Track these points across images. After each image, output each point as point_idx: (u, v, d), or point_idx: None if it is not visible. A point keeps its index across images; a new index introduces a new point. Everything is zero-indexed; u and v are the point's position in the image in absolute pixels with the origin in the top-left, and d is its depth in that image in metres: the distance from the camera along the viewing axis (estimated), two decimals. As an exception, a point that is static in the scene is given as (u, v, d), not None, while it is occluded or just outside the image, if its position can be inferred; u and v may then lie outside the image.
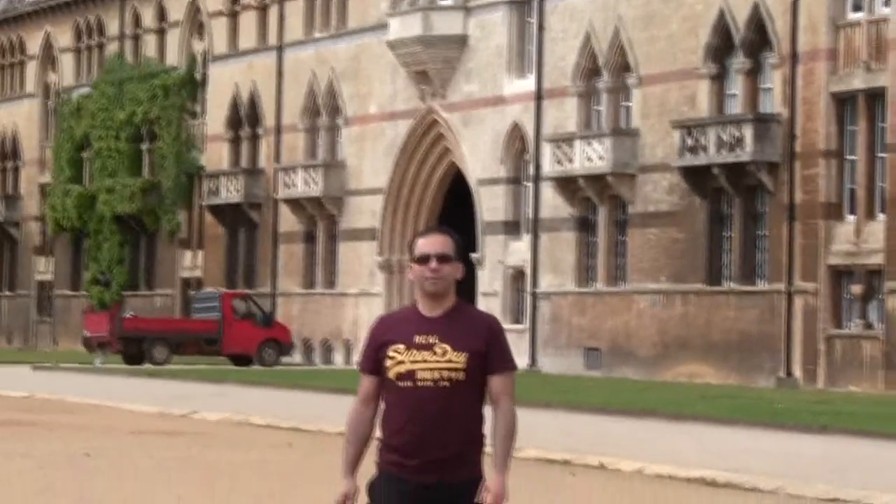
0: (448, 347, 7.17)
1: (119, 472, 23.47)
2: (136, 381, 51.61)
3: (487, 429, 7.26)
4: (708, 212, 56.24)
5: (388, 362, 7.22)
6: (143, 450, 27.80)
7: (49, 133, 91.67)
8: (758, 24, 54.58)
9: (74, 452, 26.77)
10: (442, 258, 7.29)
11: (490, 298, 63.97)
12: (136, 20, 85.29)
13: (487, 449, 7.34)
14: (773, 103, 54.56)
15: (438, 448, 7.15)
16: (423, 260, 7.31)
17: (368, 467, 7.32)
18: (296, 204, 73.02)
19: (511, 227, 64.11)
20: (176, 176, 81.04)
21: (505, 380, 7.31)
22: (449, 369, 7.15)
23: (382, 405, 7.44)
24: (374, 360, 7.35)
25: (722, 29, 55.67)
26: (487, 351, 7.26)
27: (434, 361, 7.15)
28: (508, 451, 7.27)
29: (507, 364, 7.33)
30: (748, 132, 53.87)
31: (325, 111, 73.28)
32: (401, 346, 7.21)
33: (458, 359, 7.15)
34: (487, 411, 7.29)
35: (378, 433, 7.41)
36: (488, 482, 7.19)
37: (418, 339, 7.21)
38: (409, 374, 7.17)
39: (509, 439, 7.28)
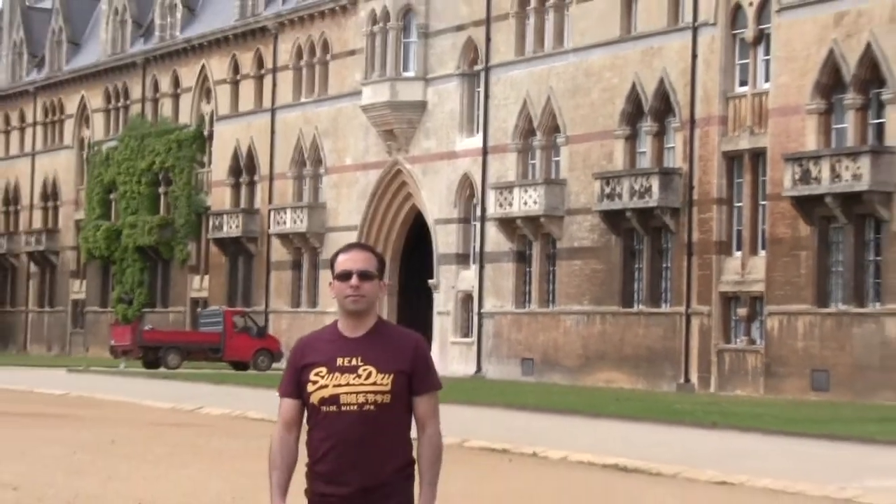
0: (373, 369, 6.23)
1: (139, 456, 23.49)
2: (153, 382, 51.46)
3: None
4: (622, 247, 56.32)
5: (311, 386, 6.27)
6: (159, 438, 27.79)
7: (83, 178, 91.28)
8: (663, 95, 54.71)
9: (102, 440, 26.74)
10: (363, 275, 6.31)
11: (444, 317, 63.92)
12: (156, 86, 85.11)
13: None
14: (675, 159, 54.67)
15: (366, 476, 6.21)
16: (344, 277, 6.32)
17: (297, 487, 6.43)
18: (285, 238, 72.88)
19: (462, 259, 64.00)
20: (187, 214, 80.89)
21: (430, 400, 6.39)
22: (374, 392, 6.20)
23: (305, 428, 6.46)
24: (294, 384, 6.36)
25: (634, 99, 55.77)
26: (413, 371, 6.31)
27: (358, 384, 6.21)
28: (436, 476, 6.38)
29: (431, 384, 6.39)
30: (655, 183, 53.98)
31: (309, 162, 73.15)
32: (323, 370, 6.25)
33: (384, 381, 6.22)
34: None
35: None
36: None
37: (341, 361, 6.25)
38: (333, 399, 6.22)
39: (437, 464, 6.37)
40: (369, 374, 6.21)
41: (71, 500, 17.32)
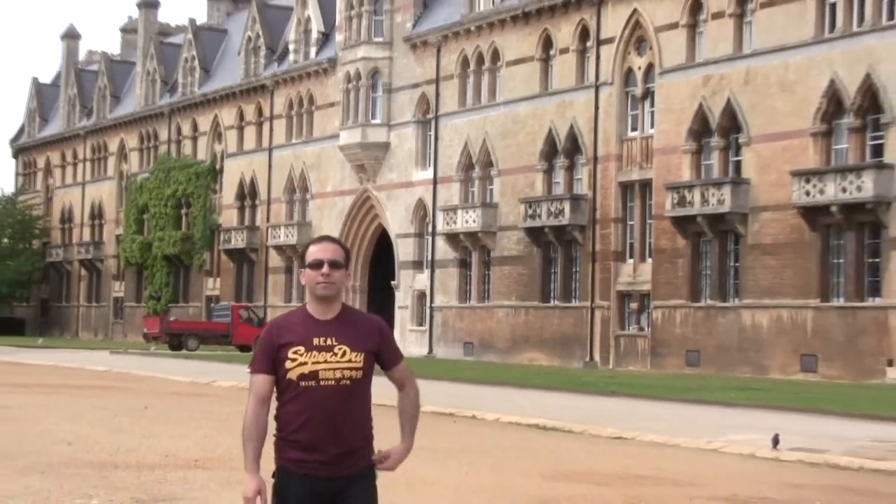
0: (347, 348, 5.80)
1: (166, 419, 23.40)
2: (177, 362, 51.26)
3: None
4: (541, 256, 56.40)
5: (289, 363, 5.78)
6: (181, 405, 27.70)
7: (122, 202, 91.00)
8: (573, 138, 54.80)
9: (137, 406, 26.61)
10: (333, 264, 5.93)
11: (403, 310, 63.84)
12: (179, 131, 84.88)
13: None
14: (582, 188, 54.78)
15: (339, 444, 5.78)
16: (316, 265, 5.95)
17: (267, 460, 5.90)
18: (279, 249, 72.74)
19: (417, 265, 63.95)
20: (203, 230, 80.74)
21: (403, 367, 6.06)
22: (349, 369, 5.79)
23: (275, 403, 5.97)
24: (270, 362, 5.84)
25: (551, 141, 55.86)
26: (380, 350, 5.93)
27: (335, 362, 5.77)
28: (414, 427, 6.10)
29: (399, 356, 6.04)
30: (567, 206, 54.05)
31: (298, 189, 73.03)
32: (301, 348, 5.79)
33: (357, 359, 5.81)
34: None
35: (274, 430, 5.94)
36: (393, 448, 6.02)
37: (317, 340, 5.80)
38: (312, 375, 5.75)
39: (416, 417, 6.10)
40: (344, 353, 5.78)
41: (113, 453, 17.24)
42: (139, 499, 13.05)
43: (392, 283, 65.00)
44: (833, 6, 45.28)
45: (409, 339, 63.00)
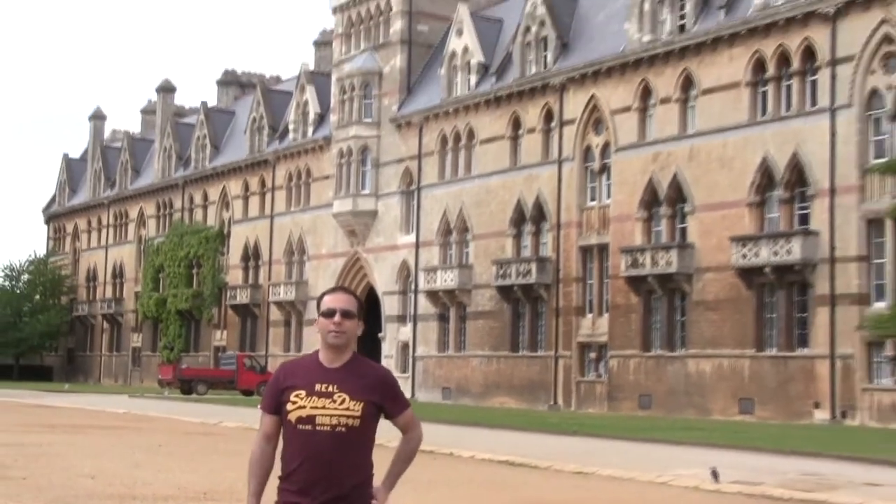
0: (346, 396, 5.42)
1: (178, 455, 23.31)
2: (188, 405, 51.08)
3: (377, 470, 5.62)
4: (511, 311, 56.34)
5: (290, 406, 5.45)
6: (191, 443, 27.60)
7: (140, 263, 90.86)
8: (539, 207, 54.97)
9: (152, 444, 26.52)
10: (345, 314, 5.54)
11: (389, 359, 63.61)
12: (191, 200, 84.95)
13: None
14: (547, 251, 54.93)
15: (333, 487, 5.36)
16: (329, 314, 5.55)
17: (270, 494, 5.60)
18: (280, 304, 72.61)
19: (401, 319, 63.87)
20: (212, 288, 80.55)
21: (406, 416, 5.69)
22: (346, 416, 5.39)
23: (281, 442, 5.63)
24: (275, 402, 5.53)
25: (519, 209, 56.02)
26: (383, 402, 5.55)
27: (333, 408, 5.39)
28: (401, 472, 5.71)
29: (404, 405, 5.67)
30: (534, 267, 54.14)
31: (296, 252, 73.02)
32: (302, 392, 5.44)
33: (356, 407, 5.41)
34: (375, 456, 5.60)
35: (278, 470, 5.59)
36: (376, 489, 5.59)
37: (319, 386, 5.44)
38: (309, 419, 5.39)
39: (407, 462, 5.74)
40: (343, 401, 5.38)
41: (131, 486, 17.18)
42: (154, 527, 13.00)
43: (379, 334, 64.89)
44: (765, 93, 45.70)
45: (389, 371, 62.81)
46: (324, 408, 5.40)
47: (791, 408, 43.09)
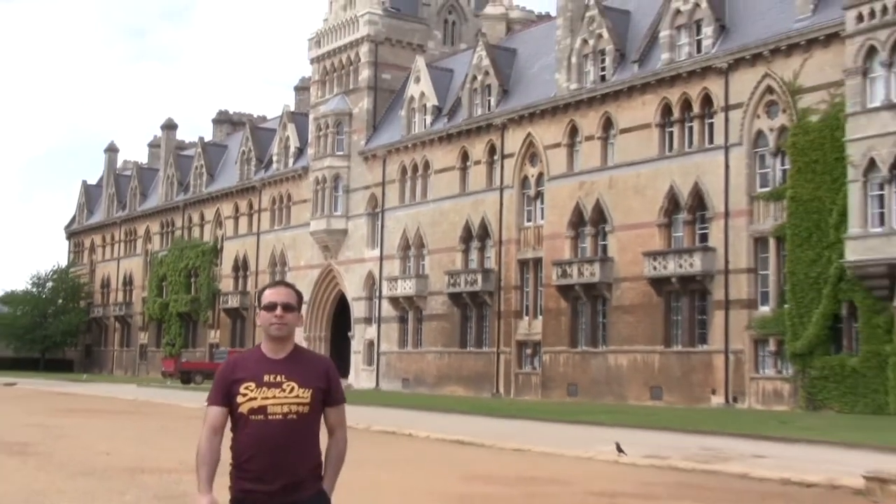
0: (295, 385, 4.82)
1: (179, 435, 23.16)
2: (187, 392, 50.71)
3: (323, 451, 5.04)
4: (460, 314, 56.30)
5: (240, 398, 4.81)
6: (190, 425, 27.35)
7: (147, 273, 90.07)
8: (484, 227, 55.02)
9: (157, 426, 26.36)
10: (286, 307, 4.99)
11: (357, 354, 63.42)
12: (190, 220, 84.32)
13: None
14: (491, 263, 54.94)
15: (288, 474, 4.77)
16: (270, 308, 5.02)
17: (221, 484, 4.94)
18: (265, 308, 72.08)
19: (367, 320, 63.63)
20: (207, 294, 79.91)
21: (339, 411, 5.02)
22: (296, 404, 4.79)
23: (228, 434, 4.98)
24: (223, 395, 4.88)
25: (467, 229, 56.04)
26: (328, 388, 4.95)
27: (283, 397, 4.78)
28: (338, 471, 5.04)
29: (340, 398, 5.02)
30: (479, 277, 54.17)
31: (279, 264, 72.52)
32: (252, 384, 4.81)
33: (305, 395, 4.82)
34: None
35: (229, 460, 4.93)
36: None
37: (267, 377, 4.83)
38: (261, 409, 4.77)
39: (340, 462, 5.04)
40: (292, 389, 4.79)
41: (140, 461, 17.07)
42: (160, 496, 12.94)
43: (349, 333, 64.69)
44: (671, 133, 46.04)
45: (361, 376, 62.68)
46: (274, 397, 4.79)
47: (693, 394, 43.36)
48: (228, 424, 4.97)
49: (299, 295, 5.04)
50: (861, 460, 17.51)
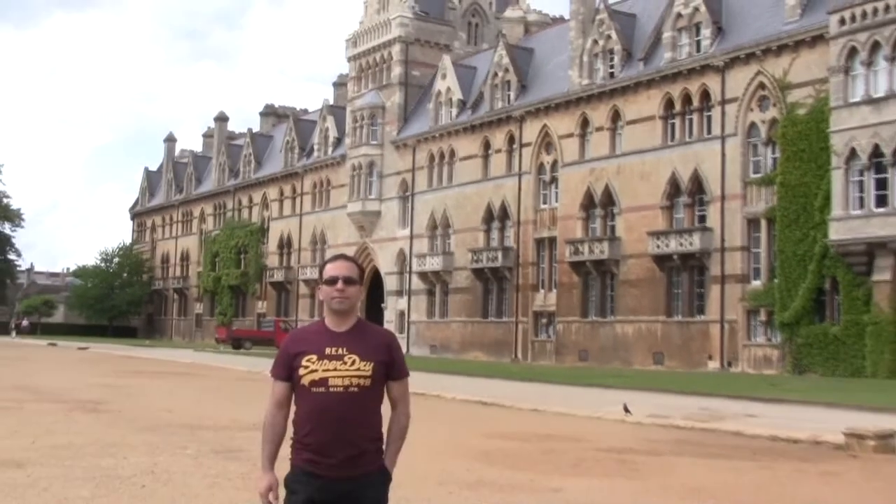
0: (356, 357, 4.34)
1: (232, 396, 23.33)
2: (238, 357, 51.06)
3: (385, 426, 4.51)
4: (482, 288, 56.34)
5: (302, 371, 4.35)
6: (242, 386, 27.62)
7: (202, 250, 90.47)
8: (504, 210, 54.94)
9: (211, 387, 26.58)
10: (347, 280, 4.45)
11: (389, 323, 63.55)
12: (240, 202, 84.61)
13: None
14: (510, 242, 54.92)
15: (349, 446, 4.29)
16: (331, 282, 4.45)
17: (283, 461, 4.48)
18: (306, 281, 72.25)
19: (399, 293, 63.81)
20: (255, 269, 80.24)
21: (402, 385, 4.53)
22: (358, 377, 4.32)
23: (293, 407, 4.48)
24: (286, 369, 4.44)
25: (489, 210, 56.01)
26: (390, 361, 4.45)
27: (344, 370, 4.32)
28: (400, 446, 4.55)
29: (403, 372, 4.53)
30: (500, 254, 54.20)
31: (319, 242, 72.72)
32: (313, 357, 4.35)
33: (366, 368, 4.34)
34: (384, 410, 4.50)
35: (291, 433, 4.46)
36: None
37: (329, 350, 4.36)
38: (322, 381, 4.31)
39: (402, 437, 4.54)
40: (353, 362, 4.33)
41: (198, 418, 17.23)
42: (217, 449, 13.08)
43: (382, 305, 64.89)
44: (673, 125, 45.83)
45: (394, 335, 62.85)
46: (335, 370, 4.33)
47: (691, 359, 43.33)
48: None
49: (360, 268, 4.58)
50: (841, 418, 17.51)
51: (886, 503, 10.44)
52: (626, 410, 19.55)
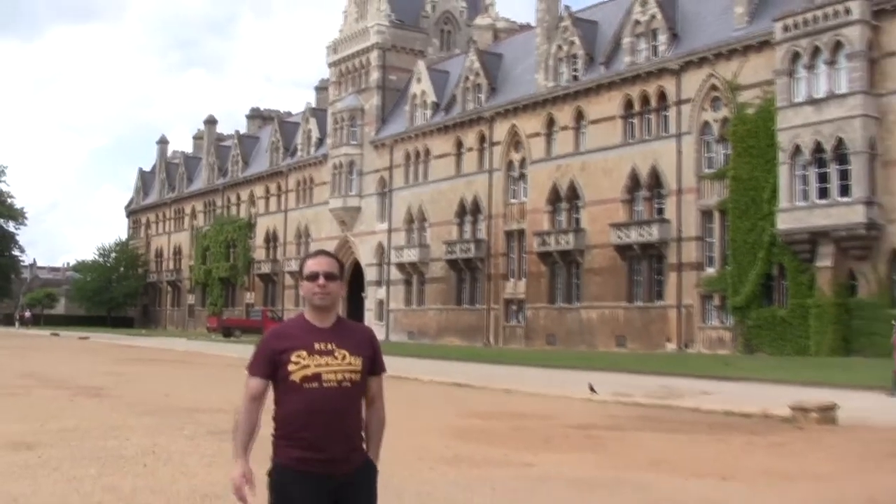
0: (346, 353, 4.05)
1: (224, 381, 23.24)
2: (228, 345, 50.88)
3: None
4: (456, 278, 56.30)
5: (292, 367, 4.00)
6: (234, 372, 27.48)
7: (193, 245, 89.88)
8: (475, 203, 54.87)
9: (203, 373, 26.51)
10: (328, 276, 4.14)
11: (370, 311, 63.52)
12: (228, 200, 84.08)
13: None
14: (482, 234, 54.95)
15: (342, 441, 4.01)
16: (312, 277, 4.13)
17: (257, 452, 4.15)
18: (291, 273, 71.55)
19: (378, 283, 63.67)
20: (243, 262, 79.83)
21: (380, 380, 4.25)
22: (350, 371, 4.03)
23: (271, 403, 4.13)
24: (269, 366, 4.06)
25: (461, 205, 55.96)
26: (373, 357, 4.18)
27: (336, 365, 4.01)
28: (380, 440, 4.26)
29: (382, 367, 4.26)
30: (472, 246, 54.23)
31: (303, 236, 72.45)
32: (303, 353, 4.00)
33: (356, 362, 4.06)
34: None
35: (272, 430, 4.08)
36: None
37: (318, 345, 4.03)
38: (315, 377, 3.98)
39: (382, 431, 4.25)
40: (344, 357, 4.04)
41: (195, 402, 17.21)
42: (213, 431, 13.10)
43: (362, 294, 64.80)
44: (632, 123, 46.02)
45: (373, 330, 62.74)
46: (327, 365, 4.03)
47: (651, 342, 43.61)
48: (271, 396, 4.17)
49: (341, 263, 4.31)
50: (788, 394, 17.74)
51: (829, 469, 10.65)
52: (592, 390, 19.71)
